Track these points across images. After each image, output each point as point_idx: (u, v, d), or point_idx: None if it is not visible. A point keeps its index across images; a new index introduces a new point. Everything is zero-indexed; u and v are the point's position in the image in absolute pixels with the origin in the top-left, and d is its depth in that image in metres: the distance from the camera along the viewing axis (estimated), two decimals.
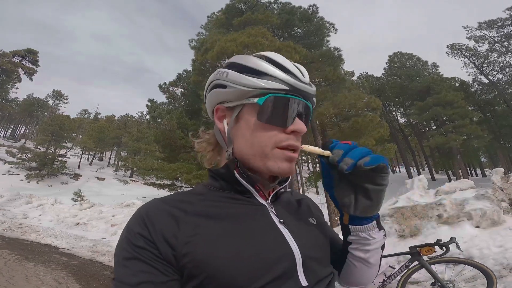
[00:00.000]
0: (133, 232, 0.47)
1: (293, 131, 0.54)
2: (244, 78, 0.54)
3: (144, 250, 0.45)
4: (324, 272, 0.55)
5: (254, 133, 0.55)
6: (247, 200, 0.56)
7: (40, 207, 11.37)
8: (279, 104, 0.53)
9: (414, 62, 33.11)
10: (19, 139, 51.17)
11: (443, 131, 24.98)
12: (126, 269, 0.44)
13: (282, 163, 0.54)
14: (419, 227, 4.54)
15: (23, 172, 22.13)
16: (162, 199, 0.53)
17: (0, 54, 36.42)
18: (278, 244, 0.50)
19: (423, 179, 6.38)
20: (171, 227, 0.47)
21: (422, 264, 2.37)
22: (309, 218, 0.63)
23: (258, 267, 0.45)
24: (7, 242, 6.70)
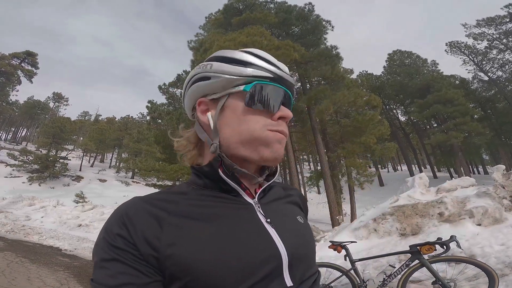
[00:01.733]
0: (111, 233, 0.45)
1: (280, 117, 0.55)
2: (230, 67, 0.55)
3: (124, 251, 0.43)
4: (309, 271, 0.54)
5: (242, 120, 0.54)
6: (233, 199, 0.54)
7: (42, 209, 11.41)
8: (266, 91, 0.54)
9: (413, 60, 33.11)
10: (20, 142, 51.27)
11: (444, 129, 24.91)
12: (105, 270, 0.42)
13: (275, 145, 0.54)
14: (420, 226, 4.53)
15: (25, 175, 22.17)
16: (143, 198, 0.51)
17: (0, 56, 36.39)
18: (264, 245, 0.49)
19: (424, 176, 6.36)
20: (153, 228, 0.45)
21: (423, 262, 2.36)
22: (297, 217, 0.62)
23: (244, 269, 0.44)
24: (10, 243, 6.73)
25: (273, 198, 0.62)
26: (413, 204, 4.98)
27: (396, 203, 5.35)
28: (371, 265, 3.46)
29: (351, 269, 2.75)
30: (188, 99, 0.62)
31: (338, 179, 16.00)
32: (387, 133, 16.00)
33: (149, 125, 21.60)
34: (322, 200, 15.65)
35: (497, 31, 26.99)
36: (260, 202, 0.57)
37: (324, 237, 6.21)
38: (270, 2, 18.00)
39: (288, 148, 14.97)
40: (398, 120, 35.05)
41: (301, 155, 30.37)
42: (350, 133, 15.95)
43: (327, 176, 14.67)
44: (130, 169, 31.42)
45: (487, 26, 27.34)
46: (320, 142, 15.47)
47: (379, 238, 4.72)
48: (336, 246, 2.91)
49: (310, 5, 17.51)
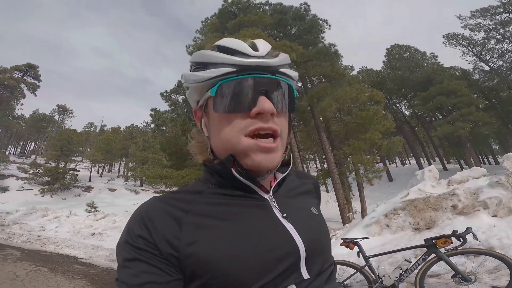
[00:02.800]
0: (133, 233, 0.46)
1: (257, 114, 0.48)
2: (193, 75, 0.53)
3: (145, 251, 0.44)
4: (325, 264, 0.55)
5: (219, 127, 0.52)
6: (248, 196, 0.53)
7: (56, 219, 11.58)
8: (230, 89, 0.49)
9: (412, 53, 32.91)
10: (30, 156, 52.10)
11: (450, 120, 24.62)
12: (128, 270, 0.44)
13: (256, 156, 0.49)
14: (434, 219, 4.48)
15: (36, 187, 22.59)
16: (161, 199, 0.51)
17: (1, 70, 36.78)
18: (282, 241, 0.49)
19: (434, 169, 6.28)
20: (173, 228, 0.46)
21: (440, 256, 2.34)
22: (311, 208, 0.61)
23: (262, 265, 0.45)
24: (27, 253, 6.86)
25: (288, 189, 0.61)
26: (424, 198, 4.93)
27: (407, 197, 5.30)
28: (386, 261, 3.44)
29: (365, 266, 2.75)
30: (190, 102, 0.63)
31: (346, 176, 15.90)
32: (392, 127, 15.87)
33: (154, 132, 21.76)
34: (331, 199, 15.54)
35: (493, 21, 26.72)
36: (275, 196, 0.57)
37: (335, 235, 6.19)
38: (265, 4, 18.03)
39: (293, 148, 14.95)
40: (402, 114, 34.72)
41: (306, 155, 30.29)
42: (355, 130, 15.86)
43: (334, 174, 14.59)
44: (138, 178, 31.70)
45: (482, 17, 27.12)
46: (325, 140, 15.42)
47: (392, 234, 4.68)
48: (348, 243, 2.91)
49: (305, 5, 17.51)
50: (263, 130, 0.48)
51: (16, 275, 4.91)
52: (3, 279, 4.64)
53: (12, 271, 5.10)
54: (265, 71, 0.51)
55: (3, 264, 5.62)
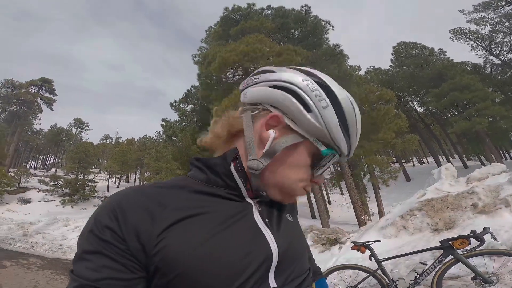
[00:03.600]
0: (100, 224, 0.43)
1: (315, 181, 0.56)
2: (337, 129, 0.51)
3: (110, 244, 0.41)
4: (299, 271, 0.53)
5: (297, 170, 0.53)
6: (233, 197, 0.52)
7: (77, 228, 11.95)
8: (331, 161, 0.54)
9: (420, 50, 32.17)
10: (50, 168, 54.01)
11: (466, 116, 23.80)
12: (87, 262, 0.41)
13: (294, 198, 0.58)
14: (453, 219, 4.30)
15: (57, 198, 23.40)
16: (138, 189, 0.48)
17: (18, 85, 38.18)
18: (257, 247, 0.47)
19: (451, 167, 6.07)
20: (145, 222, 0.43)
21: (458, 258, 2.23)
22: (287, 215, 0.61)
23: (233, 269, 0.43)
24: (49, 262, 7.10)
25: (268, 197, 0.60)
26: (442, 197, 4.76)
27: (423, 197, 5.13)
28: (402, 264, 3.32)
29: (378, 269, 2.65)
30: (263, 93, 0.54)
31: (361, 178, 15.60)
32: (406, 126, 15.50)
33: (165, 143, 22.12)
34: (346, 201, 15.26)
35: (497, 14, 26.10)
36: (259, 201, 0.55)
37: (349, 239, 6.04)
38: (267, 8, 18.16)
39: None
40: (416, 111, 33.86)
41: None
42: (367, 130, 15.58)
43: (347, 177, 14.34)
44: None
45: (485, 11, 26.53)
46: None
47: (409, 236, 4.52)
48: (359, 246, 2.82)
49: (306, 7, 17.54)
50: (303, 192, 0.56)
51: (38, 282, 5.09)
52: (25, 286, 4.82)
53: (34, 279, 5.29)
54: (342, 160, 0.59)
55: (26, 272, 5.83)
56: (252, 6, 17.53)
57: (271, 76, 0.55)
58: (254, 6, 17.61)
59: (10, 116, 38.33)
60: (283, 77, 0.53)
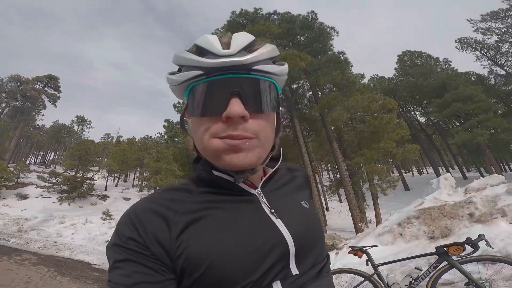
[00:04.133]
0: (123, 236, 0.46)
1: (227, 118, 0.45)
2: (170, 79, 0.52)
3: (136, 252, 0.44)
4: (318, 258, 0.55)
5: (195, 129, 0.51)
6: (236, 193, 0.54)
7: (72, 226, 11.91)
8: (199, 92, 0.48)
9: (425, 59, 32.22)
10: (49, 165, 53.96)
11: (468, 127, 23.75)
12: (120, 270, 0.43)
13: (226, 155, 0.47)
14: (450, 228, 4.32)
15: (54, 195, 23.29)
16: (150, 199, 0.52)
17: (24, 81, 38.34)
18: (269, 235, 0.49)
19: (450, 177, 6.11)
20: (162, 228, 0.46)
21: (452, 264, 2.26)
22: (302, 202, 0.60)
23: (251, 261, 0.45)
24: (43, 258, 7.06)
25: (278, 184, 0.61)
26: (439, 206, 4.78)
27: (421, 206, 5.16)
28: (398, 270, 3.33)
29: (374, 274, 2.68)
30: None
31: (360, 186, 15.59)
32: (407, 135, 15.52)
33: (167, 144, 22.13)
34: (344, 208, 15.21)
35: (504, 24, 26.08)
36: (264, 191, 0.56)
37: (346, 245, 6.05)
38: (273, 13, 18.34)
39: (305, 158, 14.85)
40: (417, 121, 33.84)
41: (319, 165, 29.92)
42: (368, 139, 15.62)
43: (347, 184, 14.34)
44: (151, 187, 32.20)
45: (493, 21, 26.49)
46: (337, 150, 15.24)
47: (406, 243, 4.54)
48: (356, 251, 2.85)
49: (313, 13, 17.71)
50: (232, 137, 0.46)
51: (30, 278, 5.06)
52: (18, 282, 4.80)
53: (27, 275, 5.26)
54: (236, 70, 0.47)
55: (18, 268, 5.81)
56: (259, 11, 17.73)
57: None
58: (261, 11, 17.81)
59: (13, 111, 38.48)
60: None
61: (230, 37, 0.50)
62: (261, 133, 0.48)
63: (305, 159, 14.81)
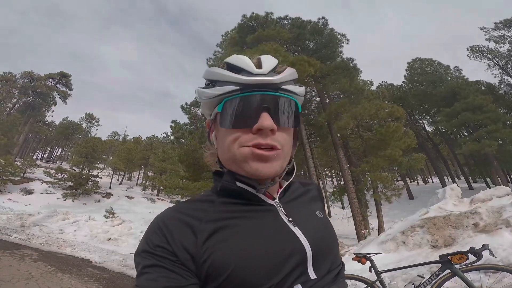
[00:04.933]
0: (152, 243, 0.49)
1: (258, 130, 0.52)
2: (203, 92, 0.58)
3: (164, 258, 0.47)
4: (333, 264, 0.58)
5: (224, 140, 0.56)
6: (256, 203, 0.58)
7: (75, 223, 11.95)
8: (233, 106, 0.53)
9: (435, 67, 31.83)
10: (56, 161, 54.60)
11: (476, 137, 23.41)
12: (148, 275, 0.46)
13: (254, 163, 0.52)
14: (453, 237, 4.28)
15: (59, 191, 23.54)
16: (176, 209, 0.56)
17: (36, 77, 39.17)
18: (288, 242, 0.52)
19: (456, 188, 6.06)
20: (188, 236, 0.50)
21: (454, 272, 2.25)
22: (317, 212, 0.65)
23: (272, 266, 0.48)
24: (44, 255, 7.08)
25: (293, 196, 0.66)
26: (444, 216, 4.74)
27: (426, 215, 5.13)
28: (400, 277, 3.31)
29: (377, 281, 2.67)
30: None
31: (363, 194, 15.46)
32: (414, 144, 15.37)
33: (173, 144, 22.28)
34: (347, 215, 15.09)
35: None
36: (281, 201, 0.61)
37: (348, 251, 6.01)
38: (284, 18, 18.41)
39: (310, 164, 14.79)
40: (425, 130, 33.45)
41: (323, 171, 29.76)
42: (374, 147, 15.49)
43: (351, 191, 14.23)
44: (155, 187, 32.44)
45: (506, 28, 26.14)
46: (342, 157, 15.15)
47: (408, 251, 4.50)
48: (360, 257, 2.85)
49: (323, 19, 17.71)
50: (261, 145, 0.52)
51: (31, 275, 5.06)
52: (18, 278, 4.80)
53: (27, 271, 5.26)
54: (268, 88, 0.54)
55: (19, 263, 5.80)
56: (270, 15, 17.82)
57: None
58: (271, 15, 17.90)
59: (24, 106, 39.20)
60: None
61: (258, 59, 0.58)
62: (285, 145, 0.55)
63: (309, 164, 14.74)
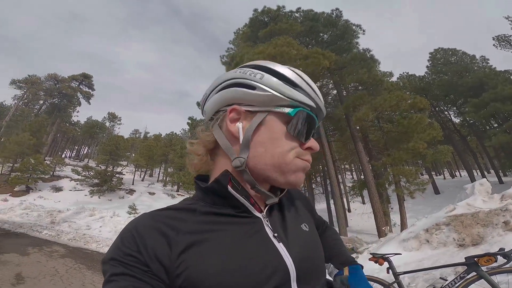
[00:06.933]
0: (121, 251, 0.45)
1: (308, 148, 0.56)
2: (280, 84, 0.53)
3: (135, 267, 0.44)
4: (318, 282, 0.55)
5: (278, 143, 0.53)
6: (242, 214, 0.54)
7: (101, 219, 12.53)
8: (306, 119, 0.55)
9: (459, 57, 30.27)
10: (83, 159, 57.40)
11: (506, 129, 22.03)
12: (116, 283, 0.43)
13: (300, 173, 0.55)
14: (482, 236, 4.02)
15: (87, 188, 24.66)
16: (152, 216, 0.51)
17: (60, 79, 40.92)
18: (271, 260, 0.49)
19: (486, 183, 5.70)
20: (163, 247, 0.46)
21: (481, 275, 2.09)
22: (302, 225, 0.62)
23: (252, 284, 0.45)
24: (71, 251, 7.45)
25: (279, 209, 0.62)
26: (473, 213, 4.48)
27: (452, 212, 4.85)
28: (421, 278, 3.15)
29: (394, 282, 2.55)
30: (215, 100, 0.59)
31: (385, 188, 14.97)
32: (439, 136, 14.61)
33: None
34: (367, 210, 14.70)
35: None
36: (268, 214, 0.58)
37: (367, 249, 5.84)
38: (296, 11, 18.04)
39: (328, 158, 14.53)
40: (451, 122, 31.79)
41: (342, 165, 29.14)
42: (396, 139, 14.93)
43: (371, 186, 13.83)
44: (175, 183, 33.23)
45: None
46: (362, 150, 14.73)
47: (432, 250, 4.29)
48: (377, 258, 2.70)
49: (337, 10, 17.18)
50: (308, 161, 0.56)
51: (57, 271, 5.33)
52: (44, 274, 5.06)
53: (54, 267, 5.55)
54: (321, 118, 0.60)
55: (47, 260, 6.13)
56: (282, 9, 17.52)
57: (213, 84, 0.61)
58: (283, 9, 17.59)
59: (51, 107, 41.34)
60: (221, 79, 0.59)
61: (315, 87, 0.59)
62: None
63: (327, 158, 14.48)
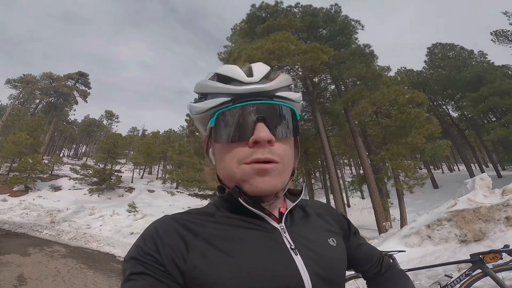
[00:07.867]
0: (142, 250, 0.47)
1: (255, 142, 0.48)
2: (194, 107, 0.54)
3: (153, 267, 0.45)
4: None
5: (221, 156, 0.53)
6: (259, 224, 0.53)
7: (100, 218, 12.52)
8: (227, 118, 0.50)
9: (457, 52, 30.40)
10: (81, 157, 57.14)
11: (505, 122, 22.22)
12: (134, 282, 0.44)
13: (254, 179, 0.49)
14: (484, 231, 4.03)
15: (85, 187, 24.52)
16: (174, 218, 0.53)
17: (56, 78, 40.61)
18: (287, 274, 0.47)
19: (486, 177, 5.70)
20: (180, 249, 0.47)
21: (486, 272, 2.08)
22: (329, 239, 0.58)
23: None
24: (72, 250, 7.44)
25: (302, 220, 0.60)
26: (474, 208, 4.48)
27: (454, 207, 4.86)
28: (424, 274, 3.14)
29: None
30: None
31: (384, 183, 15.00)
32: (438, 131, 14.64)
33: (189, 138, 22.55)
34: (366, 206, 14.75)
35: None
36: (287, 225, 0.55)
37: None
38: (295, 6, 17.84)
39: (327, 153, 14.53)
40: (449, 116, 31.90)
41: (341, 160, 29.19)
42: (394, 134, 14.93)
43: (370, 180, 13.86)
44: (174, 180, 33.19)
45: None
46: (361, 145, 14.74)
47: (434, 245, 4.30)
48: None
49: (336, 6, 17.01)
50: (260, 160, 0.48)
51: (58, 271, 5.31)
52: (46, 275, 5.04)
53: (55, 268, 5.53)
54: (261, 97, 0.50)
55: (48, 260, 6.09)
56: (280, 4, 17.34)
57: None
58: (281, 4, 17.41)
59: (47, 106, 41.04)
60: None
61: (249, 67, 0.54)
62: (285, 157, 0.51)
63: (327, 153, 14.48)
